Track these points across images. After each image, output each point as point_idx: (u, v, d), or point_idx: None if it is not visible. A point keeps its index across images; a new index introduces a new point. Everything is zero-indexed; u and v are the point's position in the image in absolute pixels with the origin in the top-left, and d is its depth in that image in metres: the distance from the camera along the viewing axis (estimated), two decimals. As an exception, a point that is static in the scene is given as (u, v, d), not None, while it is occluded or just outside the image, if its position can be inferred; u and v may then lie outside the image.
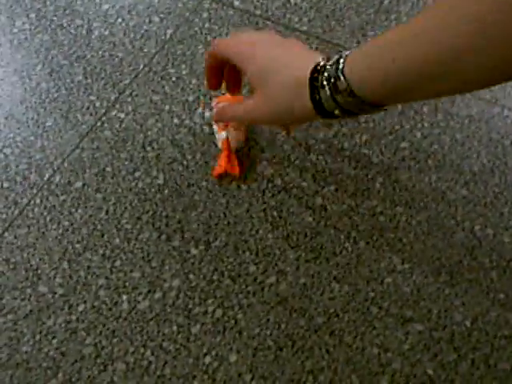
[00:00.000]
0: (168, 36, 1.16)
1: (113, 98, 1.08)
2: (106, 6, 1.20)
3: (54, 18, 1.19)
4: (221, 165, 0.97)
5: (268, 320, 0.88)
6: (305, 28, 1.16)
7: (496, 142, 1.01)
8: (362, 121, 1.03)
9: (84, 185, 1.00)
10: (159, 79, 1.10)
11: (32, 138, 1.04)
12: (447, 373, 0.83)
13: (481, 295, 0.89)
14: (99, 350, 0.87)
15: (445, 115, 1.04)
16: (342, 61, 0.67)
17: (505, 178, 0.98)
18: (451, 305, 0.88)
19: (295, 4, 1.19)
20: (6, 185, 1.00)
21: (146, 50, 1.14)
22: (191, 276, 0.91)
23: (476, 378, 0.83)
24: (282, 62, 0.74)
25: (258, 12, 1.18)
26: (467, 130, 1.02)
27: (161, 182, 0.99)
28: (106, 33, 1.17)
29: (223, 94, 1.03)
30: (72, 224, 0.96)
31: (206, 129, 1.04)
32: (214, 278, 0.91)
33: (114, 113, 1.07)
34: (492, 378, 0.83)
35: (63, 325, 0.88)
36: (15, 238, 0.95)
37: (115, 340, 0.87)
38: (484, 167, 0.99)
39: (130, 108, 1.07)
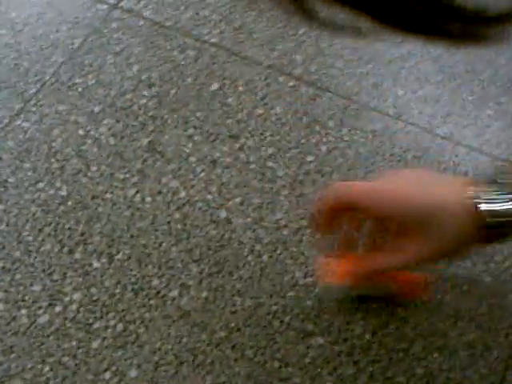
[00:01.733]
0: (76, 45, 1.15)
1: (17, 107, 1.07)
2: (13, 14, 1.19)
3: (-42, 25, 1.17)
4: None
5: (169, 334, 0.88)
6: (215, 40, 1.16)
7: (399, 156, 1.03)
8: (267, 134, 1.04)
9: (-14, 196, 0.98)
10: (65, 89, 1.09)
11: None
12: (345, 386, 0.85)
13: (380, 308, 0.90)
14: (-5, 365, 0.85)
15: (349, 130, 1.05)
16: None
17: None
18: (352, 318, 0.89)
19: (205, 16, 1.20)
20: None
21: (52, 60, 1.13)
22: (93, 289, 0.91)
23: (374, 391, 0.84)
24: (436, 199, 0.72)
25: (168, 23, 1.18)
26: (371, 144, 1.04)
27: (64, 193, 0.98)
28: (12, 41, 1.15)
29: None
30: (-28, 236, 0.94)
31: (111, 140, 1.03)
32: (116, 291, 0.91)
33: (18, 123, 1.05)
34: (388, 390, 0.84)
35: (-42, 340, 0.87)
36: None
37: (12, 356, 0.86)
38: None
39: (34, 118, 1.06)
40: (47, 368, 0.85)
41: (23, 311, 0.89)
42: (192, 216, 0.97)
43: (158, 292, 0.91)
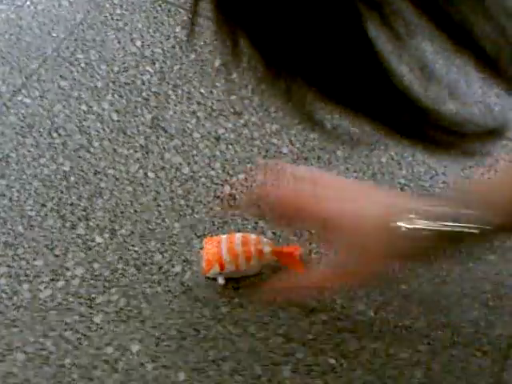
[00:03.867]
0: (78, 21, 1.14)
1: (19, 82, 1.06)
2: (14, -11, 1.18)
3: (-40, -1, 1.16)
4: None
5: (172, 309, 0.87)
6: (218, 16, 1.15)
7: (403, 134, 1.02)
8: (271, 110, 1.03)
9: (-13, 171, 0.98)
10: (68, 64, 1.08)
11: None
12: (349, 362, 0.84)
13: (384, 286, 0.90)
14: (-3, 339, 0.85)
15: (354, 107, 1.04)
16: None
17: (412, 169, 0.99)
18: (355, 295, 0.89)
19: (208, -8, 1.18)
20: None
21: (54, 35, 1.12)
22: (95, 264, 0.90)
23: (376, 367, 0.84)
24: (362, 212, 0.73)
25: (171, -1, 1.17)
26: (376, 121, 1.03)
27: (67, 169, 0.98)
28: (13, 16, 1.14)
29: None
30: (-27, 211, 0.94)
31: (114, 116, 1.02)
32: (119, 266, 0.90)
33: (20, 98, 1.04)
34: (392, 367, 0.83)
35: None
36: None
37: (15, 329, 0.85)
38: (392, 159, 1.00)
39: (36, 93, 1.05)
40: (49, 342, 0.85)
41: (25, 286, 0.88)
42: (195, 192, 0.96)
43: (161, 267, 0.90)
